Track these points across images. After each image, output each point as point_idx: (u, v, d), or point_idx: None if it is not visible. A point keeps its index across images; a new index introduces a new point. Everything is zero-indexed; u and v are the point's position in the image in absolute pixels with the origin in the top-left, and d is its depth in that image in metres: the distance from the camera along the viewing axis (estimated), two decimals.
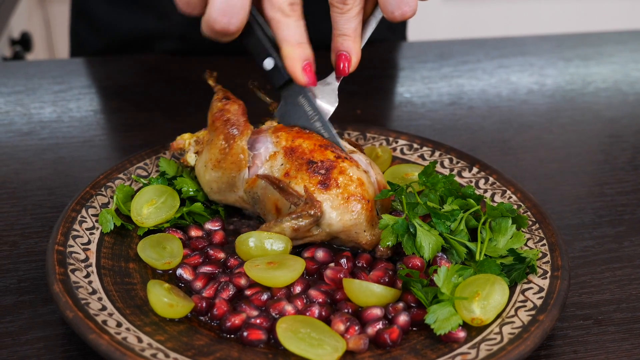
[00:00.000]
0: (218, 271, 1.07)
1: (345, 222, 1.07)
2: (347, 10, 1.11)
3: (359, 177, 1.08)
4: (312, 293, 1.01)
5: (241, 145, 1.12)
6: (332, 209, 1.06)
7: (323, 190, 1.06)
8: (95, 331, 0.90)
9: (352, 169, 1.08)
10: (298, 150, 1.10)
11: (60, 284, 0.96)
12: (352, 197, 1.06)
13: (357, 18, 1.12)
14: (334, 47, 1.14)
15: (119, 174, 1.22)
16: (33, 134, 1.48)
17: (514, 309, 0.98)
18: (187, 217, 1.16)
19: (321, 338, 0.92)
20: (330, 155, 1.09)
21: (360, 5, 1.12)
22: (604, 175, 1.42)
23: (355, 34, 1.13)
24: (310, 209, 1.05)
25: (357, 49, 1.14)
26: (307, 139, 1.12)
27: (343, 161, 1.09)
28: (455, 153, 1.32)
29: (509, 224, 1.09)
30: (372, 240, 1.09)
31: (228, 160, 1.13)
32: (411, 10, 1.10)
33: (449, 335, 0.94)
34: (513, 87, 1.77)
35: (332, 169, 1.07)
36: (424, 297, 0.98)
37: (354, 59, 1.13)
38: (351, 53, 1.13)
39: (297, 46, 1.10)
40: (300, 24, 1.11)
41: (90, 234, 1.10)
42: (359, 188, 1.07)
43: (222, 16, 1.06)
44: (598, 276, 1.14)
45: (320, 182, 1.06)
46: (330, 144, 1.12)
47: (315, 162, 1.08)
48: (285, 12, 1.09)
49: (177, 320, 0.97)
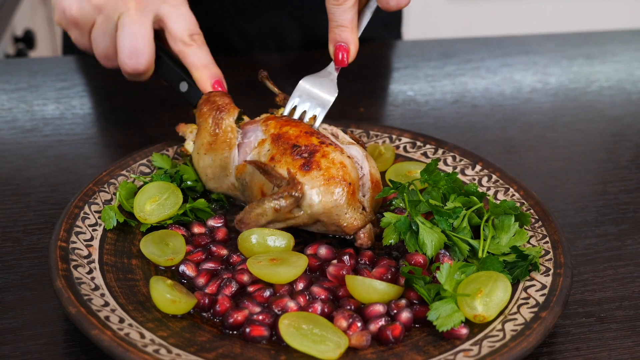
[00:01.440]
0: (221, 268, 1.07)
1: (326, 203, 1.07)
2: (343, 2, 1.14)
3: (342, 160, 1.09)
4: (314, 290, 1.01)
5: (229, 124, 1.16)
6: (313, 190, 1.07)
7: (305, 173, 1.07)
8: (98, 327, 0.90)
9: (336, 153, 1.10)
10: (284, 136, 1.11)
11: (63, 280, 0.97)
12: (333, 179, 1.07)
13: (353, 9, 1.15)
14: (331, 38, 1.17)
15: (121, 170, 1.22)
16: (36, 130, 1.48)
17: (517, 306, 0.98)
18: (190, 213, 1.17)
19: (324, 334, 0.92)
20: (315, 141, 1.11)
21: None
22: (607, 173, 1.41)
23: (352, 24, 1.16)
24: (291, 189, 1.06)
25: (355, 39, 1.17)
26: (294, 126, 1.13)
27: (327, 146, 1.10)
28: (458, 151, 1.32)
29: (511, 221, 1.09)
30: (354, 224, 1.09)
31: (218, 140, 1.16)
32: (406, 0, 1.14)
33: (452, 332, 0.94)
34: (516, 86, 1.76)
35: (315, 153, 1.09)
36: (427, 294, 0.98)
37: (352, 49, 1.16)
38: (349, 43, 1.16)
39: (203, 68, 1.24)
40: (202, 50, 1.24)
41: (93, 231, 1.10)
42: (340, 171, 1.08)
43: (130, 59, 1.22)
44: (600, 274, 1.14)
45: (303, 164, 1.07)
46: (317, 132, 1.13)
47: (299, 146, 1.09)
48: (187, 42, 1.23)
49: (180, 317, 0.98)
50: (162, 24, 1.24)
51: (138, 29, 1.21)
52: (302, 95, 1.20)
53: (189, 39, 1.23)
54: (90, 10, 1.22)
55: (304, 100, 1.20)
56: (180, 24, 1.23)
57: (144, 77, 1.26)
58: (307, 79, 1.21)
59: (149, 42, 1.21)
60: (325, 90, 1.20)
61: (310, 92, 1.20)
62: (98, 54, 1.27)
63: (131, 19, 1.20)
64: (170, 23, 1.23)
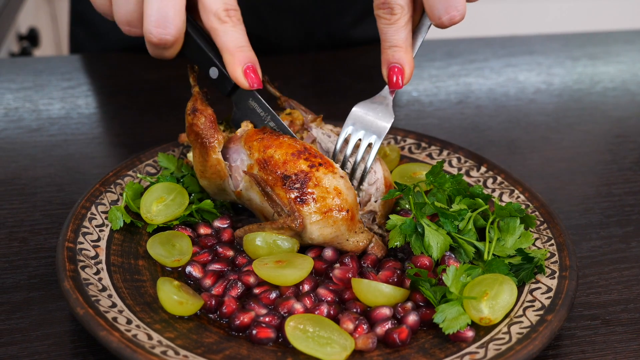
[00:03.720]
0: (227, 269, 1.07)
1: (326, 235, 1.06)
2: (396, 21, 1.08)
3: (336, 186, 1.06)
4: (320, 292, 1.01)
5: (215, 158, 1.12)
6: (312, 224, 1.05)
7: (301, 205, 1.05)
8: (106, 328, 0.90)
9: (328, 177, 1.06)
10: (271, 163, 1.07)
11: (70, 281, 0.97)
12: (330, 211, 1.05)
13: (406, 27, 1.09)
14: (384, 60, 1.10)
15: (128, 171, 1.23)
16: (42, 130, 1.49)
17: (522, 308, 0.99)
18: (196, 214, 1.17)
19: (330, 337, 0.93)
20: (304, 165, 1.06)
21: (408, 14, 1.08)
22: (611, 175, 1.42)
23: (406, 44, 1.09)
24: (291, 222, 1.05)
25: (410, 59, 1.10)
26: (278, 147, 1.08)
27: (317, 169, 1.06)
28: (463, 152, 1.32)
29: (517, 223, 1.09)
30: (357, 247, 1.08)
31: (209, 171, 1.13)
32: (459, 15, 1.06)
33: (458, 335, 0.94)
34: (520, 86, 1.77)
35: (307, 182, 1.05)
36: (433, 297, 0.98)
37: (407, 70, 1.10)
38: (404, 64, 1.09)
39: (236, 51, 1.09)
40: (237, 29, 1.10)
41: (100, 231, 1.10)
42: (336, 199, 1.05)
43: (157, 27, 1.07)
44: (606, 276, 1.14)
45: (297, 197, 1.05)
46: (303, 149, 1.08)
47: (289, 177, 1.06)
48: (222, 18, 1.09)
49: (187, 318, 0.98)
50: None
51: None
52: (355, 122, 1.13)
53: (224, 14, 1.09)
54: None
55: (357, 128, 1.13)
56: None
57: (170, 51, 1.12)
58: (361, 105, 1.14)
59: (180, 9, 1.07)
60: (380, 116, 1.13)
61: (364, 119, 1.13)
62: (119, 20, 1.12)
63: None
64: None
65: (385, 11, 1.08)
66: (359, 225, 1.08)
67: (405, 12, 1.08)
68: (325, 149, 1.17)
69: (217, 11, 1.08)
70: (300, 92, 1.43)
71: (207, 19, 1.10)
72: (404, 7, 1.07)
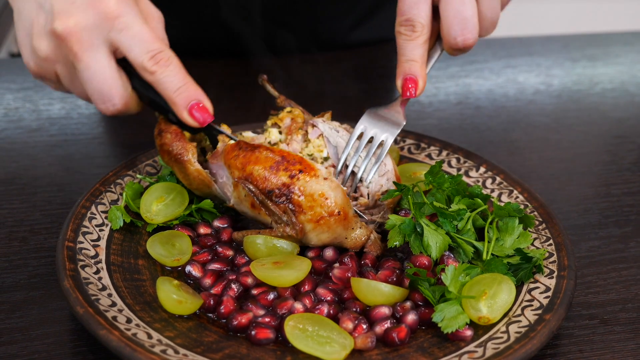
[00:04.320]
0: (226, 268, 1.07)
1: (324, 239, 1.08)
2: (415, 38, 1.16)
3: (321, 191, 1.06)
4: (320, 291, 1.01)
5: (194, 169, 1.12)
6: (308, 232, 1.06)
7: (296, 215, 1.05)
8: (106, 327, 0.90)
9: (310, 184, 1.05)
10: (252, 179, 1.07)
11: (70, 280, 0.97)
12: (322, 218, 1.05)
13: (424, 45, 1.17)
14: (400, 71, 1.17)
15: (128, 170, 1.23)
16: (42, 130, 1.49)
17: (521, 308, 0.99)
18: (196, 214, 1.17)
19: (329, 336, 0.93)
20: (284, 177, 1.06)
21: (427, 34, 1.16)
22: (610, 175, 1.42)
23: (422, 60, 1.17)
24: (291, 230, 1.06)
25: (424, 74, 1.18)
26: (255, 163, 1.07)
27: (298, 178, 1.06)
28: (463, 153, 1.32)
29: (515, 223, 1.09)
30: (356, 243, 1.09)
31: (194, 183, 1.14)
32: (473, 39, 1.16)
33: (456, 334, 0.95)
34: (520, 87, 1.77)
35: (291, 195, 1.05)
36: (432, 296, 0.99)
37: (420, 82, 1.17)
38: (418, 77, 1.17)
39: (175, 96, 1.09)
40: (169, 72, 1.08)
41: (100, 231, 1.10)
42: (325, 205, 1.05)
43: (103, 103, 1.08)
44: (604, 276, 1.14)
45: (286, 210, 1.06)
46: (281, 159, 1.07)
47: (272, 191, 1.06)
48: (150, 69, 1.07)
49: (186, 317, 0.98)
50: (121, 53, 1.09)
51: (95, 71, 1.07)
52: (368, 123, 1.19)
53: (151, 64, 1.07)
54: (44, 63, 1.10)
55: (370, 128, 1.18)
56: (136, 49, 1.07)
57: (131, 112, 1.13)
58: (373, 110, 1.20)
59: (112, 80, 1.08)
60: (391, 120, 1.19)
61: (376, 121, 1.19)
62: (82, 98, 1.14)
63: (83, 62, 1.06)
64: (126, 51, 1.07)
65: (407, 28, 1.16)
66: (355, 220, 1.09)
67: (425, 31, 1.16)
68: (333, 143, 1.17)
69: (143, 64, 1.07)
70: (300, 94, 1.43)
71: (141, 74, 1.09)
72: (424, 26, 1.16)
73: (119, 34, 1.06)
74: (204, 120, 1.10)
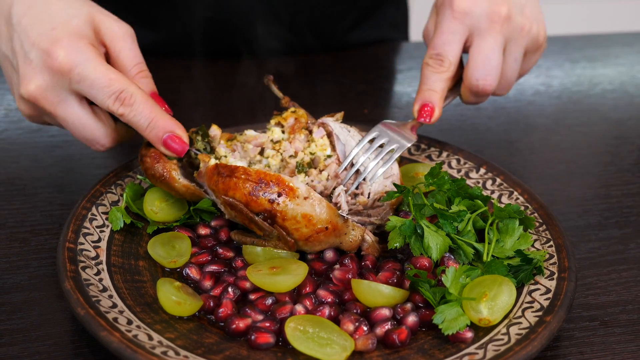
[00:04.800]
0: (224, 270, 1.07)
1: (319, 249, 1.09)
2: (442, 72, 1.23)
3: (303, 213, 1.05)
4: (320, 293, 1.01)
5: (180, 185, 1.13)
6: (301, 246, 1.08)
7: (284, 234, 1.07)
8: (107, 329, 0.90)
9: (291, 207, 1.05)
10: (236, 207, 1.07)
11: (71, 282, 0.97)
12: (311, 237, 1.06)
13: (447, 81, 1.24)
14: (419, 98, 1.24)
15: (128, 172, 1.23)
16: (42, 131, 1.49)
17: (521, 309, 0.99)
18: (195, 215, 1.17)
19: (330, 337, 0.93)
20: (265, 203, 1.05)
21: (452, 71, 1.24)
22: (610, 177, 1.42)
23: (442, 93, 1.25)
24: (284, 245, 1.07)
25: (441, 105, 1.25)
26: (234, 189, 1.06)
27: (278, 204, 1.05)
28: (463, 154, 1.32)
29: (516, 225, 1.09)
30: (352, 245, 1.10)
31: (187, 195, 1.15)
32: (491, 86, 1.23)
33: (457, 336, 0.95)
34: (520, 88, 1.77)
35: (275, 220, 1.05)
36: (432, 298, 0.99)
37: (436, 111, 1.24)
38: (435, 105, 1.24)
39: (148, 131, 1.12)
40: (137, 110, 1.10)
41: (101, 232, 1.10)
42: (309, 225, 1.05)
43: (92, 146, 1.14)
44: (604, 278, 1.14)
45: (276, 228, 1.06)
46: (258, 181, 1.05)
47: (258, 215, 1.06)
48: (117, 111, 1.09)
49: (187, 318, 0.98)
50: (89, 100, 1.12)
51: (72, 122, 1.11)
52: (381, 132, 1.20)
53: (117, 106, 1.08)
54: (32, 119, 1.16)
55: (381, 137, 1.19)
56: (99, 96, 1.08)
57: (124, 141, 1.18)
58: (386, 123, 1.23)
59: (91, 125, 1.12)
60: (402, 134, 1.21)
61: (389, 132, 1.21)
62: None
63: (60, 117, 1.11)
64: (92, 99, 1.10)
65: (436, 61, 1.23)
66: (346, 225, 1.08)
67: (451, 68, 1.24)
68: (343, 141, 1.17)
69: (109, 108, 1.09)
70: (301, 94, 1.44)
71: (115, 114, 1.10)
72: (452, 63, 1.24)
73: (78, 85, 1.08)
74: (181, 149, 1.13)
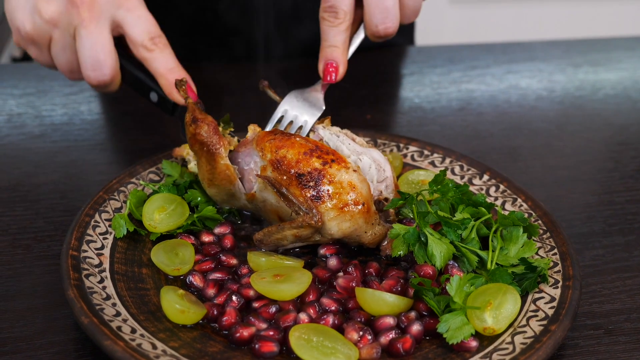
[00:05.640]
0: (227, 277, 1.07)
1: (345, 230, 1.07)
2: (338, 24, 1.19)
3: (350, 181, 1.07)
4: (324, 301, 1.01)
5: (223, 164, 1.13)
6: (330, 220, 1.06)
7: (318, 203, 1.06)
8: (111, 337, 0.90)
9: (341, 173, 1.07)
10: (284, 162, 1.08)
11: (75, 290, 0.97)
12: (347, 206, 1.06)
13: (346, 32, 1.20)
14: (322, 56, 1.21)
15: (131, 178, 1.23)
16: (45, 136, 1.49)
17: (526, 318, 0.99)
18: (198, 222, 1.17)
19: (334, 346, 0.93)
20: (317, 163, 1.07)
21: (349, 21, 1.19)
22: (613, 183, 1.42)
23: (344, 46, 1.20)
24: (310, 219, 1.05)
25: (345, 60, 1.21)
26: (290, 147, 1.09)
27: (331, 166, 1.07)
28: (466, 160, 1.32)
29: (520, 232, 1.09)
30: (374, 239, 1.10)
31: (217, 178, 1.14)
32: (393, 27, 1.19)
33: (461, 345, 0.94)
34: (522, 93, 1.77)
35: (321, 180, 1.06)
36: (437, 306, 0.98)
37: (341, 68, 1.20)
38: (339, 62, 1.20)
39: (168, 74, 1.21)
40: (165, 54, 1.21)
41: (104, 239, 1.10)
42: (352, 193, 1.06)
43: (93, 71, 1.19)
44: (608, 285, 1.14)
45: (313, 196, 1.06)
46: (315, 147, 1.10)
47: (303, 175, 1.07)
48: (149, 47, 1.20)
49: (191, 327, 0.98)
50: (121, 30, 1.21)
51: (96, 39, 1.18)
52: (289, 108, 1.22)
53: (150, 43, 1.20)
54: (45, 25, 1.19)
55: (291, 112, 1.21)
56: (139, 28, 1.20)
57: (110, 87, 1.24)
58: (295, 93, 1.23)
59: (109, 51, 1.19)
60: (312, 104, 1.22)
61: (297, 105, 1.22)
62: (62, 69, 1.25)
63: (87, 30, 1.17)
64: (129, 28, 1.20)
65: (331, 14, 1.19)
66: (375, 217, 1.09)
67: (347, 18, 1.19)
68: (333, 147, 1.17)
69: (143, 42, 1.20)
70: None
71: (136, 51, 1.21)
72: (347, 13, 1.19)
73: (127, 13, 1.19)
74: (193, 97, 1.19)
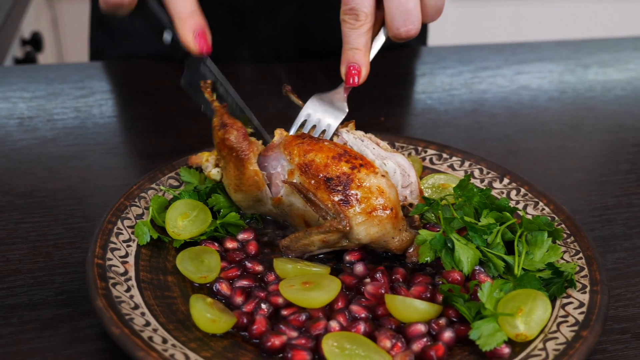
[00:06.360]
0: (254, 285, 1.06)
1: (373, 235, 1.07)
2: (359, 26, 1.17)
3: (378, 185, 1.07)
4: (354, 308, 1.01)
5: (252, 170, 1.12)
6: (358, 225, 1.06)
7: (346, 207, 1.06)
8: (143, 348, 0.89)
9: (369, 177, 1.07)
10: (312, 166, 1.08)
11: (103, 299, 0.96)
12: (375, 210, 1.06)
13: (368, 34, 1.18)
14: (344, 59, 1.19)
15: (151, 184, 1.22)
16: (58, 140, 1.47)
17: (556, 324, 0.98)
18: (221, 229, 1.16)
19: (368, 355, 0.92)
20: (345, 167, 1.07)
21: (371, 23, 1.18)
22: (631, 185, 1.42)
23: (365, 48, 1.19)
24: (338, 224, 1.05)
25: (367, 62, 1.19)
26: (318, 151, 1.10)
27: (359, 170, 1.07)
28: (486, 163, 1.32)
29: (545, 237, 1.09)
30: (401, 245, 1.09)
31: (245, 184, 1.13)
32: (415, 29, 1.17)
33: (494, 352, 0.94)
34: (534, 94, 1.77)
35: (350, 184, 1.06)
36: (468, 313, 0.98)
37: (363, 71, 1.19)
38: (361, 65, 1.18)
39: (187, 17, 1.15)
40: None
41: (127, 247, 1.09)
42: (380, 198, 1.06)
43: None
44: (633, 289, 1.14)
45: (341, 200, 1.06)
46: (343, 152, 1.10)
47: (331, 179, 1.07)
48: None
49: (220, 336, 0.97)
50: None
51: None
52: (312, 111, 1.21)
53: None
54: None
55: (314, 115, 1.21)
56: None
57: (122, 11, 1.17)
58: (318, 96, 1.22)
59: None
60: (335, 107, 1.21)
61: (320, 108, 1.21)
62: None
63: None
64: None
65: (352, 17, 1.17)
66: (403, 222, 1.09)
67: (368, 20, 1.17)
68: (358, 151, 1.17)
69: None
70: None
71: None
72: (368, 15, 1.17)
73: None
74: (203, 48, 1.16)
